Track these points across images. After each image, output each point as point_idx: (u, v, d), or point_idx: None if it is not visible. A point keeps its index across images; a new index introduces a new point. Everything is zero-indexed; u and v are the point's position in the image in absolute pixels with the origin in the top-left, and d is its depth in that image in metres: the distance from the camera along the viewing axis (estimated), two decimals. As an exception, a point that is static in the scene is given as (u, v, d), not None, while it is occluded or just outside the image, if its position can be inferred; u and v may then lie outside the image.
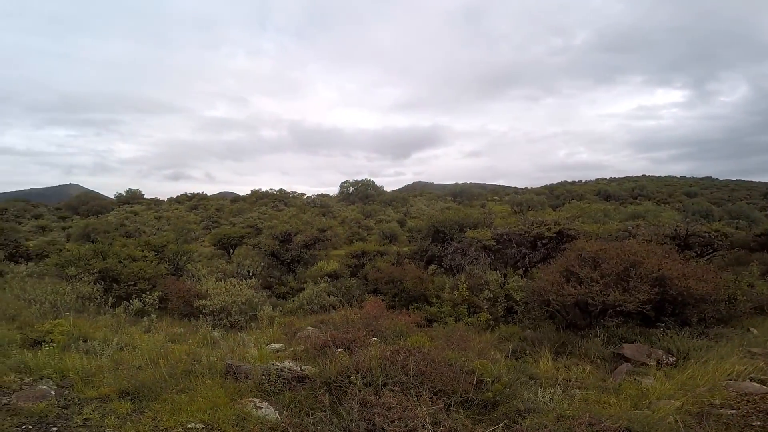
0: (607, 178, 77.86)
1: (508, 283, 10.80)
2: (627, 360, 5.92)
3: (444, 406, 3.24)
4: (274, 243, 17.05)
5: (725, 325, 7.20)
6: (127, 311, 8.22)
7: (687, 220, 12.14)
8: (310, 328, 6.96)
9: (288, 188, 64.07)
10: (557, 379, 4.89)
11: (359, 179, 68.84)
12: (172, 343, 5.99)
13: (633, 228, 11.75)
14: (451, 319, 9.06)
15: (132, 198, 58.84)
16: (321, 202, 54.17)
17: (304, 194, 64.28)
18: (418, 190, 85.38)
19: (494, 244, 14.53)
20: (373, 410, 2.69)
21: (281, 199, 58.66)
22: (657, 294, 6.18)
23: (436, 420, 2.79)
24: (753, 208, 42.59)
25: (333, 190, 72.84)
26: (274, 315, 8.66)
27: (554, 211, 25.06)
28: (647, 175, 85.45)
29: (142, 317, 8.11)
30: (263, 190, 62.22)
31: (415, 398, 3.09)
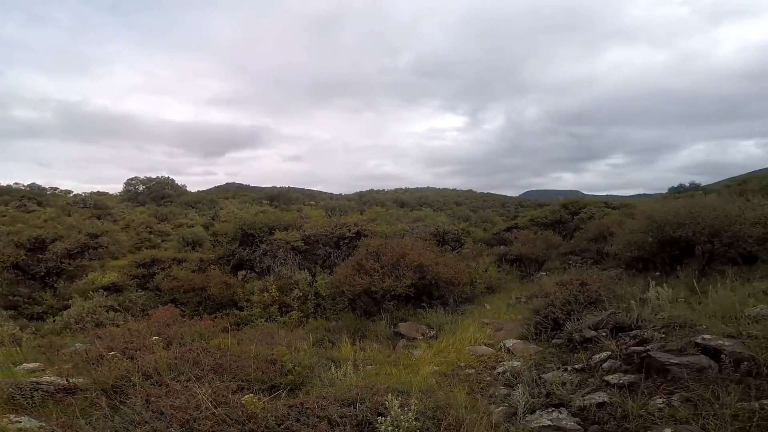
0: (403, 188, 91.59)
1: (316, 281, 11.62)
2: (403, 336, 7.34)
3: (238, 389, 3.36)
4: (18, 253, 13.13)
5: (470, 303, 9.26)
6: None
7: (445, 222, 15.93)
8: (79, 344, 5.90)
9: (47, 183, 48.91)
10: (354, 359, 5.46)
11: (154, 176, 58.86)
12: None
13: (410, 228, 14.61)
14: (262, 320, 9.12)
15: None
16: (95, 202, 43.45)
17: (70, 192, 50.56)
18: (231, 192, 79.59)
19: (303, 245, 15.36)
20: (158, 403, 2.57)
21: (34, 196, 44.44)
22: (419, 279, 8.04)
23: (218, 400, 2.75)
24: (495, 214, 58.46)
25: (116, 188, 59.80)
26: (22, 336, 6.87)
27: (360, 214, 27.97)
28: (431, 186, 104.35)
29: None
30: (3, 184, 45.86)
31: (207, 386, 3.02)
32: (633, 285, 5.62)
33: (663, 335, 3.73)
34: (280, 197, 69.26)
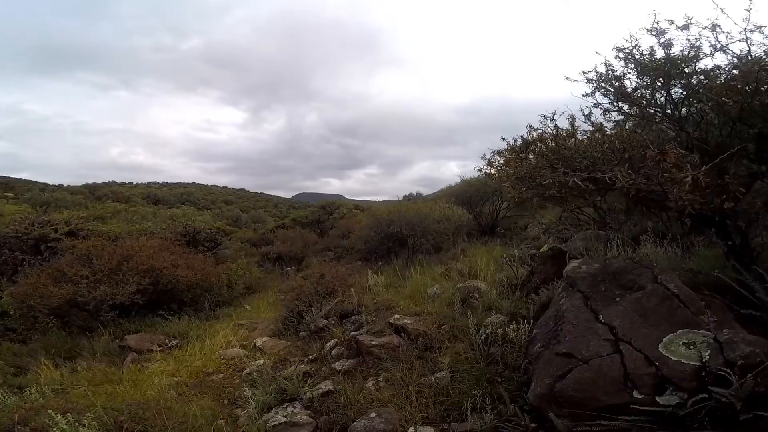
0: (160, 182, 77.89)
1: (2, 297, 8.30)
2: (133, 350, 6.00)
3: None
4: None
5: (229, 305, 8.72)
6: None
7: (196, 221, 14.35)
8: None
9: None
10: (59, 383, 4.53)
11: None
12: None
13: (152, 228, 12.33)
14: None
15: None
16: None
17: None
18: None
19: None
20: None
21: None
22: (150, 284, 6.69)
23: None
24: (267, 214, 57.90)
25: None
26: None
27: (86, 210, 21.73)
28: (197, 182, 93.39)
29: None
30: None
31: None
32: (361, 275, 6.41)
33: (374, 318, 4.32)
34: (-61, 184, 46.22)
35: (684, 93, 3.22)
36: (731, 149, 2.50)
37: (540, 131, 4.27)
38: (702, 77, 2.97)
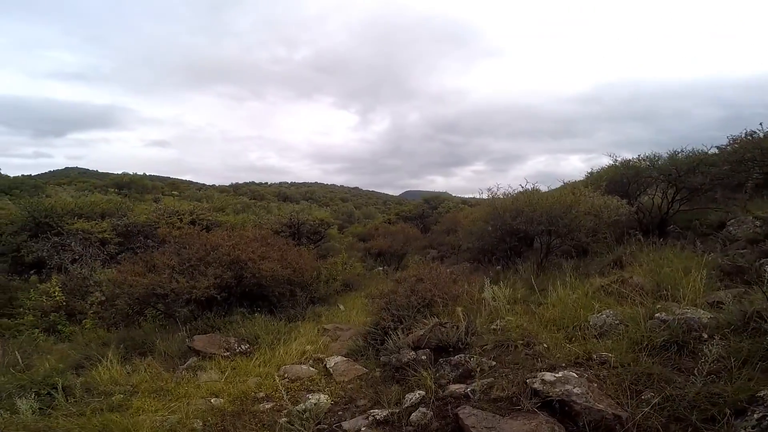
0: (288, 182, 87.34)
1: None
2: (198, 352, 5.40)
3: None
4: None
5: (324, 303, 7.89)
6: None
7: (297, 211, 14.17)
8: None
9: None
10: (114, 384, 4.06)
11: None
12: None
13: (258, 219, 12.41)
14: (38, 331, 7.18)
15: None
16: None
17: None
18: (70, 177, 64.68)
19: (115, 236, 11.87)
20: None
21: None
22: (233, 277, 6.04)
23: None
24: (377, 210, 59.36)
25: None
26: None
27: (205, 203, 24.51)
28: (319, 182, 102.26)
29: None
30: None
31: None
32: (471, 282, 4.62)
33: (494, 362, 2.56)
34: (132, 185, 58.72)
35: None
36: None
37: None
38: None
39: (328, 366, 4.46)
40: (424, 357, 3.01)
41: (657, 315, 2.51)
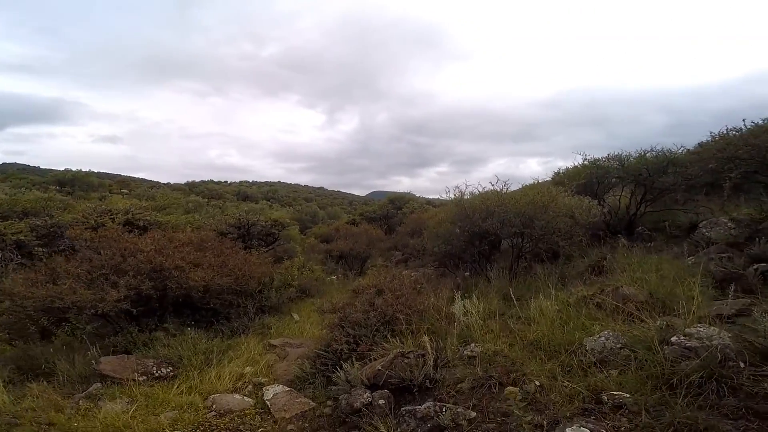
0: (250, 181, 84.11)
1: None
2: (107, 377, 4.42)
3: None
4: None
5: (277, 312, 7.13)
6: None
7: (247, 211, 13.14)
8: None
9: None
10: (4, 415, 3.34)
11: None
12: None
13: (203, 220, 11.26)
14: None
15: None
16: None
17: None
18: (7, 174, 58.58)
19: (34, 239, 10.31)
20: None
21: None
22: (154, 288, 5.07)
23: None
24: (342, 211, 58.24)
25: None
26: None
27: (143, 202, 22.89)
28: (282, 181, 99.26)
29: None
30: None
31: None
32: (439, 293, 3.98)
33: (473, 413, 1.90)
34: (76, 182, 54.11)
35: None
36: None
37: None
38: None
39: (266, 398, 3.67)
40: (381, 401, 2.31)
41: (674, 339, 1.98)
